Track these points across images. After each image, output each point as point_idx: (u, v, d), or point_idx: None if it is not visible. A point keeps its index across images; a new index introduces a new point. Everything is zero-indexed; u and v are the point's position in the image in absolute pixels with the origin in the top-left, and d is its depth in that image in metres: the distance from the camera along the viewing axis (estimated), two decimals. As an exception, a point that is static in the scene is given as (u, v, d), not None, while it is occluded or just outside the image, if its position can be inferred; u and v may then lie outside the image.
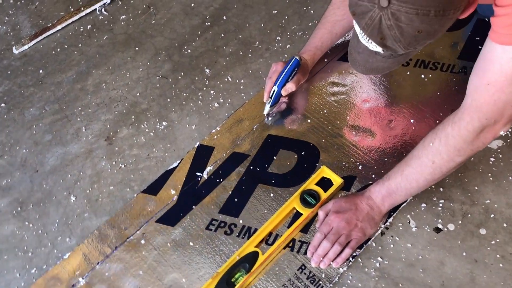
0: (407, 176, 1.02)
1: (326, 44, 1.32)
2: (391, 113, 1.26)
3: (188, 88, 1.40)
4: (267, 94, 1.28)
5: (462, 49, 1.35)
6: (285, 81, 1.27)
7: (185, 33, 1.53)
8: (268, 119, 1.31)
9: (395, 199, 1.06)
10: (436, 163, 0.98)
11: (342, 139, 1.24)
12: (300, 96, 1.34)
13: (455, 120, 0.95)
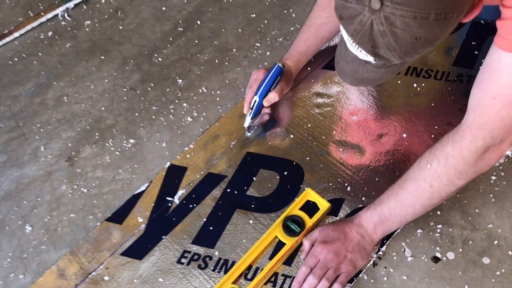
0: (402, 200, 0.91)
1: (311, 49, 1.20)
2: (381, 127, 1.15)
3: (159, 101, 1.27)
4: (248, 105, 1.16)
5: (457, 54, 1.24)
6: (267, 91, 1.15)
7: (155, 40, 1.40)
8: (248, 132, 1.19)
9: (388, 226, 0.95)
10: (434, 187, 0.87)
11: (328, 157, 1.12)
12: (283, 108, 1.22)
13: (455, 138, 0.84)
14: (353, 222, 0.96)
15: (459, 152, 0.83)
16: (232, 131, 1.19)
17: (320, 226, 1.00)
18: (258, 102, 1.15)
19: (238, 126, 1.19)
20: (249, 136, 1.18)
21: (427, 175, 0.86)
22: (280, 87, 1.16)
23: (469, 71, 1.20)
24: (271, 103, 1.16)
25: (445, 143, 0.85)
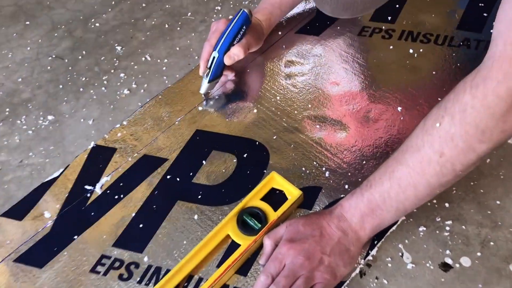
0: (400, 179, 0.64)
1: (286, 1, 0.96)
2: (370, 99, 0.90)
3: (90, 71, 1.01)
4: (204, 64, 0.90)
5: (462, 17, 1.01)
6: (229, 44, 0.89)
7: (94, 4, 1.15)
8: (206, 102, 0.93)
9: (380, 218, 0.68)
10: (446, 155, 0.60)
11: (301, 135, 0.86)
12: (245, 76, 0.96)
13: (476, 82, 0.58)
14: (332, 214, 0.70)
15: (481, 100, 0.56)
16: (180, 104, 0.93)
17: (287, 221, 0.73)
18: (218, 58, 0.89)
19: (188, 99, 0.93)
20: (206, 107, 0.92)
21: (436, 139, 0.60)
22: (246, 41, 0.90)
23: (478, 35, 0.97)
24: (234, 60, 0.89)
25: (461, 91, 0.59)
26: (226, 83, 0.96)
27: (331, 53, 0.98)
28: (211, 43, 0.90)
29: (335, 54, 0.97)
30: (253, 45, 0.93)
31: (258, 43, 0.95)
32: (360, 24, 1.02)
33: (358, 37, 1.00)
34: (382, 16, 1.02)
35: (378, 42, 0.98)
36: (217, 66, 0.90)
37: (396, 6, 1.03)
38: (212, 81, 0.91)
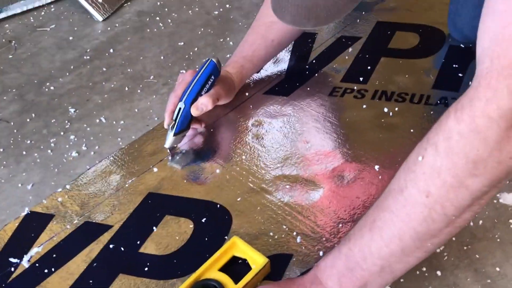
0: (382, 229, 0.53)
1: (258, 54, 0.91)
2: (345, 158, 0.81)
3: (38, 134, 0.92)
4: (169, 115, 0.82)
5: (437, 77, 0.96)
6: (195, 94, 0.81)
7: (52, 69, 1.08)
8: (171, 157, 0.83)
9: (362, 281, 0.55)
10: (433, 195, 0.49)
11: (268, 196, 0.76)
12: (213, 132, 0.88)
13: (461, 104, 0.48)
14: (306, 278, 0.59)
15: (469, 124, 0.47)
16: (132, 166, 0.82)
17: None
18: (184, 109, 0.81)
19: (142, 160, 0.83)
20: (170, 164, 0.82)
21: (420, 177, 0.50)
22: (215, 91, 0.83)
23: (455, 94, 0.92)
24: (203, 110, 0.82)
25: (444, 118, 0.50)
26: (195, 136, 0.88)
27: (301, 112, 0.91)
28: (177, 93, 0.83)
29: (305, 114, 0.90)
30: (223, 97, 0.86)
31: (229, 95, 0.89)
32: (331, 85, 0.96)
33: (329, 97, 0.93)
34: (353, 77, 0.97)
35: (351, 102, 0.92)
36: (183, 118, 0.82)
37: (368, 67, 0.99)
38: (177, 134, 0.82)
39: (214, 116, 0.91)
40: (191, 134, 0.88)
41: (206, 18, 1.23)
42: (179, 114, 0.82)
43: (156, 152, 0.85)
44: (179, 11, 1.26)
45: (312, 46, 1.07)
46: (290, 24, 0.57)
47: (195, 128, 0.88)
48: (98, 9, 1.23)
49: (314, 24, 0.56)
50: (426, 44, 1.05)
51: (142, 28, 1.20)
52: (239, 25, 1.19)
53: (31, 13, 1.29)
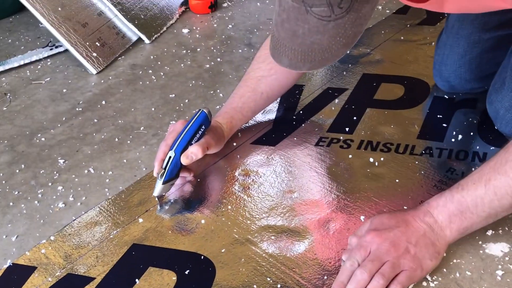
0: (497, 188, 0.66)
1: (248, 106, 0.94)
2: (330, 208, 0.81)
3: (26, 185, 0.92)
4: (159, 164, 0.83)
5: (421, 128, 0.98)
6: (186, 143, 0.83)
7: (44, 120, 1.10)
8: (160, 206, 0.84)
9: (470, 222, 0.69)
10: None
11: (253, 248, 0.75)
12: (199, 182, 0.88)
13: None
14: (418, 210, 0.71)
15: None
16: (118, 217, 0.82)
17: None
18: (174, 158, 0.82)
19: (128, 211, 0.83)
20: (159, 212, 0.83)
21: None
22: (205, 141, 0.85)
23: (440, 144, 0.93)
24: (192, 159, 0.83)
25: None
26: (184, 185, 0.88)
27: (288, 162, 0.92)
28: (167, 142, 0.85)
29: (292, 163, 0.91)
30: (213, 146, 0.88)
31: (218, 145, 0.90)
32: (317, 135, 0.98)
33: (316, 147, 0.95)
34: (339, 127, 0.99)
35: (337, 152, 0.93)
36: (173, 167, 0.82)
37: (354, 118, 1.01)
38: (166, 182, 0.83)
39: (203, 165, 0.92)
40: (179, 183, 0.88)
41: (198, 71, 1.26)
42: (169, 163, 0.82)
43: (142, 203, 0.85)
44: (172, 65, 1.30)
45: (299, 97, 1.09)
46: (287, 67, 0.62)
47: (184, 177, 0.89)
48: (92, 63, 1.27)
49: (309, 67, 0.61)
50: (411, 95, 1.08)
51: (134, 81, 1.24)
52: (229, 78, 1.22)
53: (27, 66, 1.32)
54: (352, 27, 0.57)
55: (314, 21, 0.56)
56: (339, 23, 0.56)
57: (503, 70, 0.92)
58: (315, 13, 0.55)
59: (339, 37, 0.57)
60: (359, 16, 0.56)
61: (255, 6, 1.59)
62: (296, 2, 0.56)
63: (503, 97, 0.90)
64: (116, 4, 1.38)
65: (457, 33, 1.00)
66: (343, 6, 0.54)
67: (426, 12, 1.42)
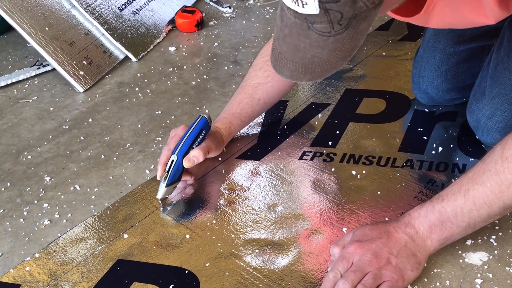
0: (476, 198, 0.69)
1: (246, 112, 0.98)
2: (313, 221, 0.82)
3: (11, 203, 0.92)
4: (162, 167, 0.87)
5: (402, 141, 1.00)
6: (187, 147, 0.87)
7: (30, 138, 1.11)
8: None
9: (449, 232, 0.71)
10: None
11: (237, 261, 0.76)
12: (184, 198, 0.89)
13: None
14: (399, 221, 0.73)
15: None
16: (103, 233, 0.82)
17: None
18: (177, 161, 0.86)
19: (114, 227, 0.84)
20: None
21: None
22: (206, 145, 0.89)
23: (420, 156, 0.95)
24: (194, 163, 0.87)
25: None
26: (186, 188, 0.92)
27: (272, 176, 0.93)
28: (169, 147, 0.89)
29: (276, 177, 0.93)
30: (213, 150, 0.92)
31: (218, 148, 0.94)
32: (301, 149, 0.99)
33: (299, 161, 0.96)
34: (323, 141, 1.01)
35: (320, 165, 0.95)
36: (175, 170, 0.86)
37: (336, 132, 1.03)
38: (170, 185, 0.86)
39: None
40: (181, 186, 0.92)
41: (184, 88, 1.28)
42: (172, 166, 0.86)
43: (128, 219, 0.86)
44: (158, 82, 1.31)
45: (284, 113, 1.11)
46: (288, 78, 0.65)
47: (185, 180, 0.92)
48: (79, 81, 1.28)
49: (309, 78, 0.63)
50: (392, 109, 1.10)
51: (121, 98, 1.25)
52: (215, 94, 1.24)
53: (15, 85, 1.33)
54: (350, 41, 0.60)
55: (315, 37, 0.59)
56: (338, 38, 0.59)
57: (482, 80, 0.95)
58: (316, 29, 0.58)
59: (338, 51, 0.60)
60: (356, 32, 0.59)
61: (241, 24, 1.62)
62: (298, 19, 0.59)
63: (484, 106, 0.93)
64: (103, 23, 1.40)
65: (433, 46, 1.03)
66: (343, 23, 0.57)
67: (407, 28, 1.46)
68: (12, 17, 1.28)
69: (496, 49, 0.92)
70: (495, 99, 0.90)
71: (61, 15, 1.37)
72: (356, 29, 0.58)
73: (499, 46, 0.91)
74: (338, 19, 0.56)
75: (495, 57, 0.92)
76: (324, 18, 0.57)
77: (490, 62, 0.93)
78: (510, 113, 0.89)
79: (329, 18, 0.56)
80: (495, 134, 0.92)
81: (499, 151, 0.67)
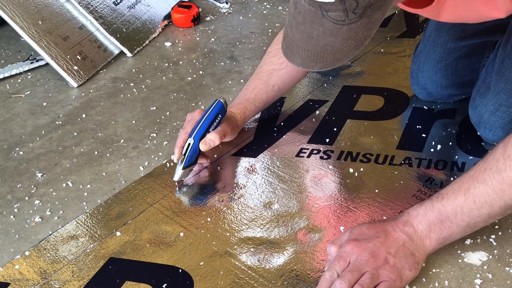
0: (476, 196, 0.67)
1: (260, 97, 0.99)
2: (310, 220, 0.81)
3: (1, 199, 0.90)
4: (179, 150, 0.89)
5: (401, 138, 0.99)
6: (204, 131, 0.88)
7: (23, 134, 1.09)
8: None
9: (449, 231, 0.69)
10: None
11: (232, 260, 0.74)
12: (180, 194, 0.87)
13: None
14: (398, 220, 0.72)
15: None
16: (95, 230, 0.81)
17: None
18: (193, 145, 0.87)
19: (106, 224, 0.82)
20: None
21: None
22: (222, 129, 0.91)
23: (419, 154, 0.94)
24: (210, 146, 0.89)
25: None
26: (201, 171, 0.94)
27: (268, 173, 0.91)
28: (186, 130, 0.90)
29: (272, 175, 0.91)
30: (228, 134, 0.93)
31: (233, 133, 0.95)
32: (298, 146, 0.98)
33: (296, 158, 0.95)
34: (320, 139, 0.99)
35: (317, 163, 0.93)
36: (192, 153, 0.88)
37: (334, 129, 1.02)
38: (186, 167, 0.88)
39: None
40: (197, 169, 0.94)
41: (180, 83, 1.26)
42: (188, 149, 0.87)
43: (120, 216, 0.84)
44: (154, 78, 1.29)
45: (280, 109, 1.10)
46: (299, 66, 0.65)
47: (201, 163, 0.94)
48: (73, 76, 1.26)
49: (321, 67, 0.63)
50: (391, 107, 1.08)
51: (116, 94, 1.23)
52: (211, 90, 1.22)
53: (7, 80, 1.31)
54: (364, 31, 0.60)
55: (329, 25, 0.59)
56: (352, 27, 0.59)
57: (487, 76, 0.94)
58: (331, 17, 0.58)
59: (351, 39, 0.60)
60: (370, 21, 0.59)
61: (238, 20, 1.60)
62: (313, 6, 0.58)
63: (488, 101, 0.92)
64: (97, 18, 1.38)
65: (434, 41, 1.02)
66: (357, 12, 0.57)
67: (406, 24, 1.44)
68: (5, 11, 1.26)
69: (502, 45, 0.91)
70: (500, 94, 0.89)
71: (55, 9, 1.35)
72: (370, 18, 0.58)
73: (506, 42, 0.90)
74: (353, 7, 0.56)
75: (501, 52, 0.90)
76: (339, 6, 0.56)
77: (496, 57, 0.92)
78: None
79: (345, 6, 0.56)
80: (497, 130, 0.91)
81: (502, 149, 0.66)
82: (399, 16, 1.50)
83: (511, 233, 0.77)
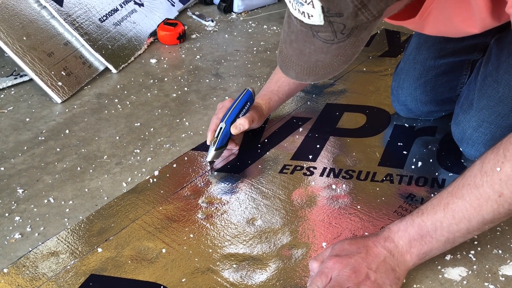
0: (455, 211, 0.68)
1: (283, 89, 1.07)
2: (292, 235, 0.81)
3: (-20, 216, 0.89)
4: (212, 134, 0.98)
5: (382, 155, 1.00)
6: (235, 116, 0.97)
7: (4, 149, 1.08)
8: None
9: (429, 246, 0.70)
10: (505, 196, 0.65)
11: (214, 277, 0.74)
12: (162, 210, 0.86)
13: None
14: (379, 235, 0.72)
15: None
16: (76, 247, 0.80)
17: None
18: (225, 128, 0.96)
19: (87, 241, 0.81)
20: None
21: (496, 181, 0.65)
22: (251, 115, 0.99)
23: (400, 170, 0.95)
24: (240, 130, 0.98)
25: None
26: (229, 156, 1.02)
27: (252, 189, 0.92)
28: (218, 116, 1.00)
29: (256, 191, 0.91)
30: (256, 120, 1.01)
31: (260, 120, 1.04)
32: (281, 163, 0.98)
33: (280, 175, 0.95)
34: (303, 155, 1.00)
35: (300, 179, 0.94)
36: (223, 136, 0.96)
37: (317, 146, 1.03)
38: (218, 149, 0.97)
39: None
40: (226, 154, 1.02)
41: (164, 100, 1.27)
42: (220, 133, 0.96)
43: (102, 232, 0.83)
44: (138, 94, 1.30)
45: (264, 126, 1.11)
46: (294, 79, 0.70)
47: (230, 149, 1.03)
48: (57, 92, 1.26)
49: (313, 79, 0.68)
50: (373, 124, 1.10)
51: (100, 110, 1.23)
52: (196, 107, 1.23)
53: (-10, 95, 1.30)
54: (352, 48, 0.64)
55: (319, 44, 0.63)
56: (340, 45, 0.62)
57: (470, 93, 0.97)
58: (321, 37, 0.62)
59: (340, 56, 0.64)
60: (357, 40, 0.63)
61: (223, 38, 1.62)
62: (304, 27, 0.62)
63: (471, 117, 0.94)
64: (83, 34, 1.38)
65: (414, 59, 1.06)
66: (345, 32, 0.61)
67: (388, 44, 1.48)
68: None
69: (484, 63, 0.95)
70: (483, 110, 0.91)
71: (40, 25, 1.35)
72: (357, 37, 0.62)
73: (487, 60, 0.93)
74: (341, 29, 0.60)
75: (483, 70, 0.94)
76: (328, 28, 0.60)
77: (478, 75, 0.95)
78: (496, 125, 0.90)
79: (333, 28, 0.60)
80: (480, 146, 0.93)
81: (479, 165, 0.68)
82: (381, 36, 1.53)
83: (489, 249, 0.79)
